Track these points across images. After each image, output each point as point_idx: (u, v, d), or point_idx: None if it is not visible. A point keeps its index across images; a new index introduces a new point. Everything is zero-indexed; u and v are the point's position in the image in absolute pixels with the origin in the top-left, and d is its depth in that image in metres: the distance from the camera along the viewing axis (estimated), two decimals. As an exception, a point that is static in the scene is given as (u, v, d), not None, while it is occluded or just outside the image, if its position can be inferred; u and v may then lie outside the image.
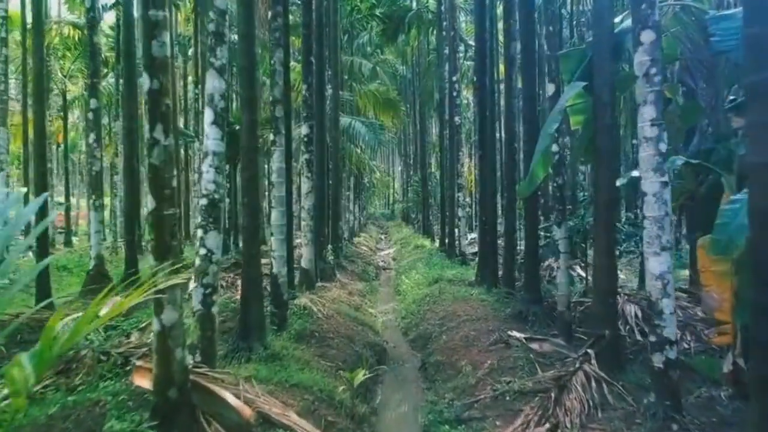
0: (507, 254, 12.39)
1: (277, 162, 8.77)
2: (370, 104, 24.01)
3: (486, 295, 12.55)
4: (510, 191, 12.34)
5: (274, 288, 8.72)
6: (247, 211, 7.11)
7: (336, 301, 12.41)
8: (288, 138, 10.26)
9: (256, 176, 7.23)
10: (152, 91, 4.41)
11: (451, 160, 20.15)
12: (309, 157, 12.12)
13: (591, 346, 7.17)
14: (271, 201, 8.80)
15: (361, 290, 15.86)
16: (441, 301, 12.93)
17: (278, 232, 8.69)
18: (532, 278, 10.40)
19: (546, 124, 7.51)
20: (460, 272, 16.29)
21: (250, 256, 7.07)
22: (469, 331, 9.65)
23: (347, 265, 19.28)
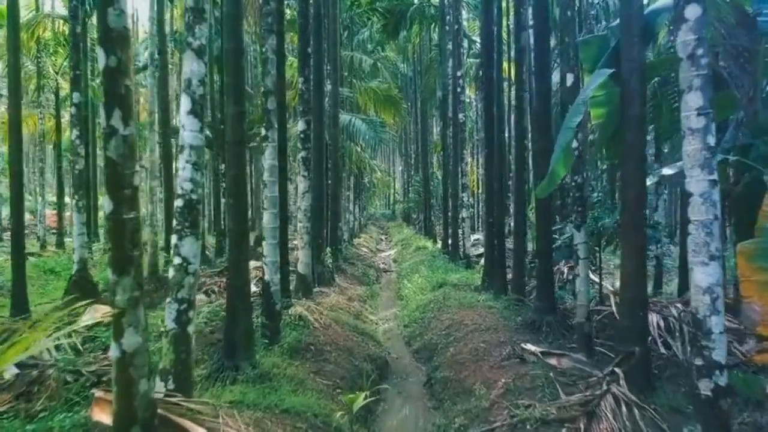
0: (516, 258, 11.62)
1: (269, 159, 8.00)
2: (371, 101, 23.23)
3: (494, 302, 11.81)
4: (519, 191, 11.58)
5: (265, 297, 7.95)
6: (232, 213, 6.34)
7: (334, 309, 11.65)
8: (282, 133, 9.50)
9: (242, 174, 6.47)
10: (109, 70, 3.65)
11: (455, 159, 19.38)
12: (306, 154, 11.36)
13: (618, 365, 6.42)
14: (263, 202, 8.03)
15: (362, 295, 15.10)
16: (446, 307, 12.17)
17: (270, 236, 7.92)
18: (545, 285, 9.63)
19: (567, 117, 6.74)
20: (465, 276, 15.54)
21: (236, 263, 6.31)
22: (479, 343, 8.88)
23: (347, 268, 18.53)
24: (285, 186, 9.64)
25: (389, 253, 30.36)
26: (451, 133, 20.19)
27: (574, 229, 8.07)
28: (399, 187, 65.72)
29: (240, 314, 6.27)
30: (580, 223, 7.94)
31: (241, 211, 6.42)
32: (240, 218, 6.37)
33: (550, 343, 8.89)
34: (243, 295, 6.33)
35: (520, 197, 11.54)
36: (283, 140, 9.46)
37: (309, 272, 11.45)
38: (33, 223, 35.22)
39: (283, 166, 9.48)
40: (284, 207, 9.50)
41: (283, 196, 9.48)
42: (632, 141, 6.42)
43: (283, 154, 9.53)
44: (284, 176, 9.57)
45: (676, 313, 9.33)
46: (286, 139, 9.68)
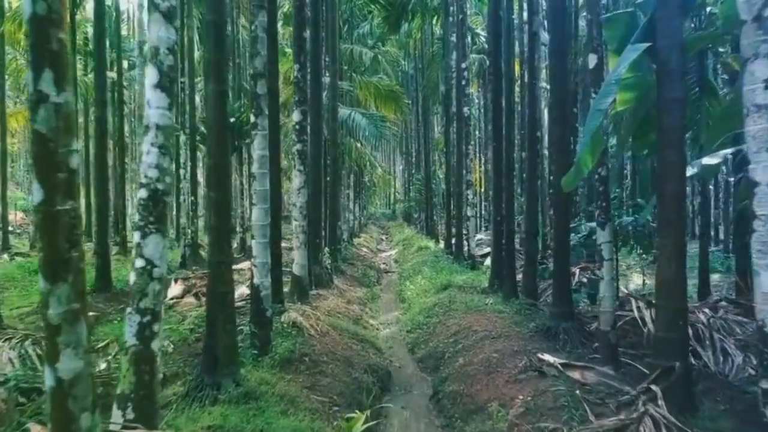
0: (528, 259, 10.81)
1: (258, 149, 7.19)
2: (371, 96, 22.41)
3: (503, 306, 11.01)
4: (531, 186, 10.78)
5: (254, 303, 7.15)
6: (214, 208, 5.53)
7: (332, 313, 10.84)
8: (275, 122, 8.70)
9: (224, 164, 5.65)
10: (37, 19, 2.84)
11: (459, 155, 18.56)
12: (302, 147, 10.55)
13: (655, 381, 5.61)
14: (252, 197, 7.23)
15: (362, 298, 14.29)
16: (452, 311, 11.37)
17: (260, 235, 7.11)
18: (561, 288, 8.82)
19: (596, 99, 5.95)
20: (471, 278, 14.73)
21: (217, 265, 5.50)
22: (491, 353, 8.08)
23: (346, 268, 17.72)
24: (277, 179, 8.83)
25: (390, 253, 29.58)
26: (455, 129, 19.38)
27: (597, 227, 7.25)
28: (400, 187, 64.81)
29: (221, 324, 5.46)
30: (604, 220, 7.13)
31: (223, 205, 5.60)
32: (222, 213, 5.56)
33: (568, 352, 8.09)
34: (225, 302, 5.52)
35: (532, 193, 10.75)
36: (275, 129, 8.65)
37: (305, 274, 10.65)
38: (27, 222, 34.50)
39: (275, 156, 8.67)
40: (277, 203, 8.69)
41: (276, 191, 8.67)
42: (671, 127, 5.61)
43: (276, 144, 8.72)
44: (276, 168, 8.76)
45: (704, 320, 8.54)
46: (278, 128, 8.87)
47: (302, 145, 10.53)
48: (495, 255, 13.22)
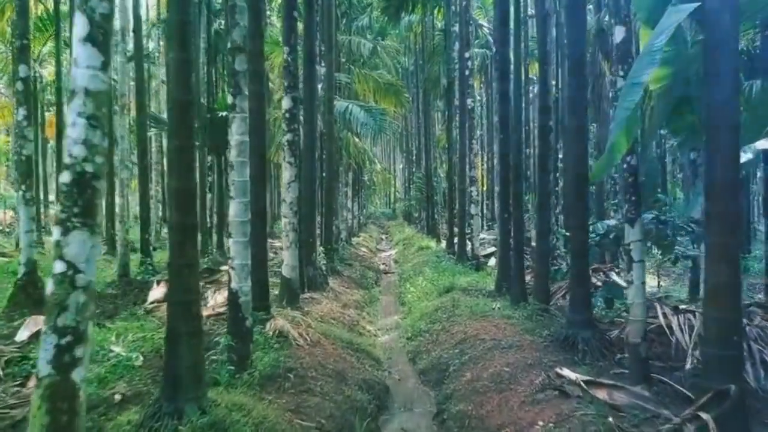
0: (540, 260, 9.89)
1: (236, 134, 6.27)
2: (370, 89, 21.49)
3: (512, 311, 10.10)
4: (543, 180, 9.85)
5: (232, 311, 6.23)
6: (175, 201, 4.57)
7: (326, 319, 9.93)
8: (259, 106, 7.79)
9: (188, 147, 4.71)
10: None
11: (462, 150, 17.66)
12: (292, 137, 9.64)
13: (705, 407, 4.69)
14: (230, 189, 6.31)
15: (359, 301, 13.37)
16: (456, 317, 10.45)
17: (239, 233, 6.19)
18: (580, 292, 7.90)
19: (632, 72, 5.02)
20: (475, 279, 13.82)
21: (178, 269, 4.56)
22: (501, 366, 7.15)
23: (343, 269, 16.81)
24: (262, 171, 7.90)
25: (390, 253, 28.69)
26: (458, 122, 18.47)
27: (626, 224, 6.32)
28: (400, 186, 63.91)
29: (185, 340, 4.53)
30: (634, 216, 6.20)
31: (186, 196, 4.65)
32: (185, 207, 4.61)
33: (588, 365, 7.17)
34: (189, 313, 4.58)
35: (544, 188, 9.82)
36: (258, 114, 7.73)
37: (295, 276, 9.73)
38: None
39: (259, 145, 7.76)
40: (261, 198, 7.78)
41: (260, 184, 7.77)
42: (722, 103, 4.69)
43: (260, 132, 7.80)
44: (261, 159, 7.84)
45: (739, 328, 7.63)
46: (263, 113, 7.94)
47: (293, 135, 9.61)
48: (502, 255, 12.29)
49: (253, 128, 7.88)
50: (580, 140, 7.80)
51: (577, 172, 7.78)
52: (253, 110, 7.88)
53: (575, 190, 7.83)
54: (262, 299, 7.81)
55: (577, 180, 7.76)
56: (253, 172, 7.90)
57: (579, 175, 7.75)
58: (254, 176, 7.90)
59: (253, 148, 7.88)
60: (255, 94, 7.86)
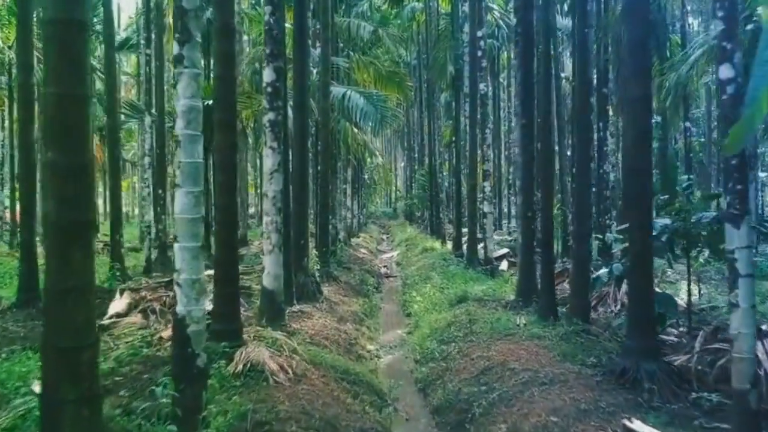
0: (578, 267, 8.11)
1: (184, 97, 4.47)
2: (370, 77, 19.66)
3: (541, 329, 8.36)
4: (582, 169, 8.07)
5: (177, 345, 4.45)
6: (52, 188, 2.79)
7: (317, 339, 8.15)
8: (227, 69, 6.02)
9: (75, 106, 2.86)
10: None
11: (473, 142, 15.87)
12: (275, 117, 7.86)
13: None
14: (176, 174, 4.53)
15: (357, 312, 11.58)
16: (474, 335, 8.69)
17: (187, 234, 4.41)
18: (642, 312, 6.13)
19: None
20: (491, 288, 12.02)
21: (56, 297, 2.78)
22: (546, 412, 5.37)
23: (341, 274, 15.03)
24: (231, 155, 6.10)
25: (392, 254, 26.92)
26: (467, 111, 16.68)
27: (727, 224, 4.53)
28: (401, 184, 62.18)
29: (70, 413, 2.76)
30: (739, 213, 4.42)
31: (70, 185, 2.85)
32: (70, 199, 2.82)
33: (658, 409, 5.43)
34: (75, 368, 2.78)
35: (583, 179, 8.05)
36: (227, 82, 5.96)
37: (279, 287, 7.95)
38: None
39: (228, 121, 5.99)
40: (228, 187, 6.00)
41: (230, 173, 6.01)
42: None
43: (228, 104, 6.03)
44: (229, 139, 6.06)
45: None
46: (232, 77, 6.12)
47: (275, 114, 7.83)
48: (524, 261, 10.52)
49: (220, 98, 6.11)
50: (644, 115, 6.04)
51: (638, 155, 6.02)
52: (223, 76, 6.12)
53: (636, 178, 6.06)
54: (229, 320, 6.04)
55: (639, 164, 6.00)
56: (220, 158, 6.14)
57: (640, 159, 6.00)
58: (221, 162, 6.14)
59: (222, 124, 6.12)
60: (224, 55, 6.11)
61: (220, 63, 6.01)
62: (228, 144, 6.00)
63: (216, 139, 6.11)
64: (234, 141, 6.13)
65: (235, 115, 6.23)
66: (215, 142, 6.17)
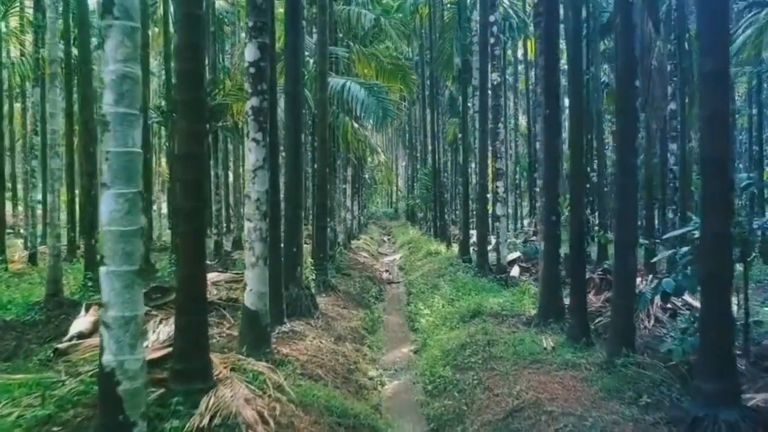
0: (623, 284, 6.75)
1: (113, 61, 3.19)
2: (372, 70, 18.38)
3: (573, 355, 7.11)
4: (626, 165, 6.74)
5: (105, 410, 3.16)
6: None
7: (308, 368, 6.85)
8: (194, 27, 4.72)
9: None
10: None
11: (482, 137, 14.56)
12: (259, 102, 6.56)
13: None
14: (103, 170, 3.21)
15: (357, 328, 10.27)
16: (494, 360, 7.40)
17: (116, 254, 3.12)
18: (719, 343, 4.83)
19: None
20: (508, 300, 10.70)
21: None
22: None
23: (340, 282, 13.74)
24: (197, 144, 4.78)
25: (394, 258, 25.62)
26: (477, 104, 15.37)
27: None
28: (402, 184, 60.83)
29: None
30: None
31: None
32: None
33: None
34: None
35: (627, 175, 6.72)
36: (193, 46, 4.67)
37: (264, 307, 6.65)
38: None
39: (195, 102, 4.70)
40: (195, 186, 4.70)
41: (191, 164, 4.71)
42: None
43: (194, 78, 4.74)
44: (193, 117, 4.74)
45: None
46: (199, 42, 4.78)
47: (259, 99, 6.53)
48: (548, 270, 9.22)
49: (185, 76, 4.82)
50: (721, 93, 4.74)
51: (712, 141, 4.73)
52: (186, 43, 4.81)
53: (716, 171, 4.76)
54: (194, 356, 4.74)
55: (714, 154, 4.71)
56: (184, 149, 4.84)
57: (715, 146, 4.72)
58: (186, 154, 4.83)
59: (187, 104, 4.81)
60: (188, 47, 4.82)
61: (182, 54, 4.71)
62: (192, 131, 4.69)
63: (177, 124, 4.81)
64: (200, 128, 4.82)
65: (202, 95, 4.92)
66: (176, 127, 4.87)
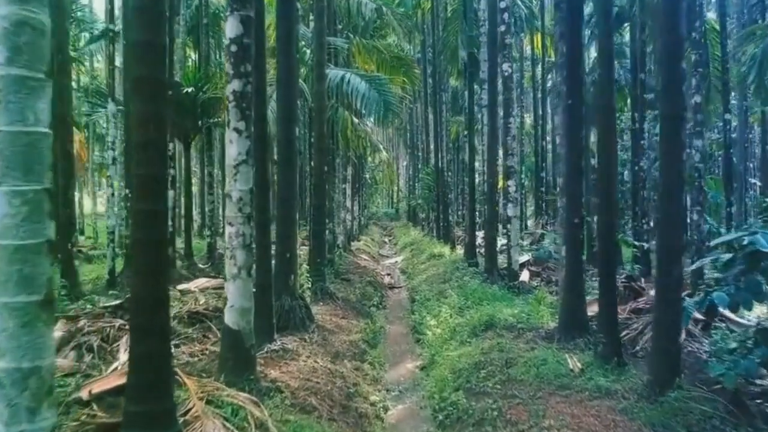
0: (665, 300, 5.78)
1: (5, 1, 2.25)
2: (373, 63, 17.42)
3: (606, 379, 6.20)
4: (671, 162, 5.78)
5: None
6: None
7: (300, 396, 5.88)
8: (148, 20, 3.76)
9: None
10: None
11: (492, 133, 13.59)
12: (241, 86, 5.60)
13: None
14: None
15: (357, 342, 9.29)
16: (514, 384, 6.44)
17: (6, 274, 2.16)
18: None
19: None
20: (523, 310, 9.70)
21: None
22: None
23: (339, 288, 12.79)
24: (153, 122, 3.81)
25: (395, 260, 24.71)
26: (486, 97, 14.40)
27: None
28: (403, 184, 59.89)
29: None
30: None
31: None
32: None
33: None
34: None
35: (672, 173, 5.76)
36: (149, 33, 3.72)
37: (247, 326, 5.67)
38: None
39: (152, 79, 3.75)
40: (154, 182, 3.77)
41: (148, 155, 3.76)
42: None
43: (154, 53, 3.79)
44: (149, 95, 3.79)
45: None
46: (157, 29, 3.81)
47: (242, 82, 5.56)
48: (570, 279, 8.25)
49: (141, 47, 3.87)
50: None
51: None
52: (142, 6, 3.86)
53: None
54: (154, 397, 3.77)
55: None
56: (140, 136, 3.89)
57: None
58: (142, 142, 3.86)
59: (143, 81, 3.86)
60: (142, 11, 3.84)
61: (137, 20, 3.75)
62: (149, 114, 3.73)
63: (132, 106, 3.85)
64: (158, 111, 3.85)
65: (163, 69, 3.95)
66: (130, 109, 3.89)
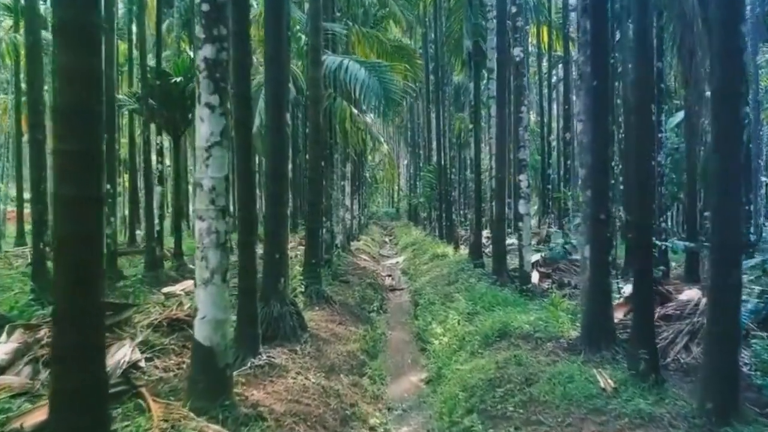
0: (721, 309, 4.84)
1: None
2: (373, 52, 16.49)
3: (647, 400, 5.29)
4: (729, 154, 4.83)
5: None
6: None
7: (286, 422, 4.95)
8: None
9: None
10: None
11: (500, 125, 12.62)
12: (214, 53, 4.64)
13: None
14: None
15: (355, 353, 8.33)
16: (538, 407, 5.50)
17: None
18: None
19: None
20: (540, 317, 8.67)
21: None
22: None
23: (336, 291, 11.85)
24: (85, 78, 2.85)
25: (396, 260, 23.78)
26: (494, 87, 13.44)
27: None
28: (404, 183, 58.99)
29: None
30: None
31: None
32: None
33: None
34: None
35: (731, 166, 4.81)
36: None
37: (221, 341, 4.71)
38: None
39: (85, 33, 2.78)
40: (80, 157, 2.78)
41: (80, 119, 2.76)
42: None
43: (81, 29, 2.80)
44: (84, 39, 2.83)
45: None
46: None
47: (214, 48, 4.61)
48: (595, 281, 7.30)
49: None
50: None
51: None
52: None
53: None
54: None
55: None
56: (65, 98, 2.94)
57: None
58: (67, 107, 2.91)
59: (67, 27, 2.91)
60: None
61: None
62: (76, 70, 2.79)
63: (57, 61, 2.93)
64: (91, 66, 2.91)
65: (90, 23, 3.00)
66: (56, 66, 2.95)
